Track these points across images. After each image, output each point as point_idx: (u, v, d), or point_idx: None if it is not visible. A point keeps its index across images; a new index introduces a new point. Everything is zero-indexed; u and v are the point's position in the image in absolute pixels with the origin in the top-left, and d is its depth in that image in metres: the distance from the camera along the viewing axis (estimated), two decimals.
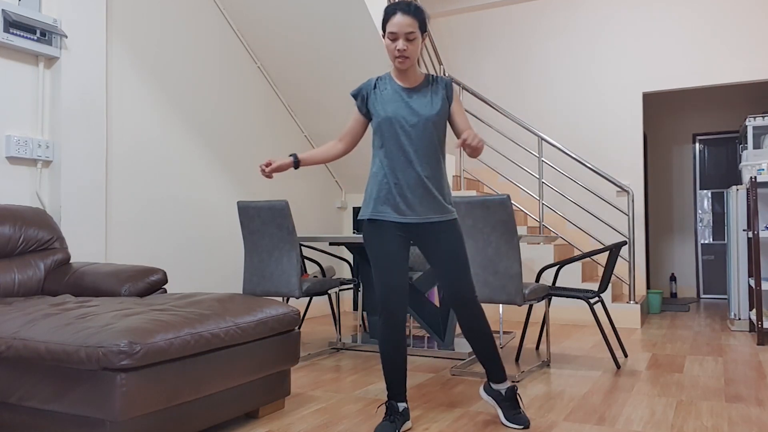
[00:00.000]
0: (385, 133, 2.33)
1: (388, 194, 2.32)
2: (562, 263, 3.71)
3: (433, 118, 2.30)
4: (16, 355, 2.01)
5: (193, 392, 2.13)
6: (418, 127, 2.29)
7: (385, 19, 2.28)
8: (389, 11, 2.26)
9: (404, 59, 2.27)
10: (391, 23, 2.24)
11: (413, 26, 2.24)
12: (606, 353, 3.94)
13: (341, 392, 2.99)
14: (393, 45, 2.26)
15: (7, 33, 3.15)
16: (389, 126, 2.31)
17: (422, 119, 2.29)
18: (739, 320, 4.87)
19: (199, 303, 2.40)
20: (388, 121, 2.31)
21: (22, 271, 2.86)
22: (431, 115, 2.30)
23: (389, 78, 2.39)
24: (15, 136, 3.24)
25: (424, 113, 2.30)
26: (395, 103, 2.32)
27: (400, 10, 2.23)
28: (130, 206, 3.96)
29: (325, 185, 6.05)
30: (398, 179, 2.31)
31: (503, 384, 2.46)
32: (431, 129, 2.30)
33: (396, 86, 2.36)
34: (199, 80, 4.54)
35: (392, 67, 2.38)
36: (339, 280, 3.91)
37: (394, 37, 2.25)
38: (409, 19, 2.23)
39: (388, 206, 2.32)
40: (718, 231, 7.44)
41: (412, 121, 2.30)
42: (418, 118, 2.30)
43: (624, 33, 6.20)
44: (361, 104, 2.42)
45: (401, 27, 2.23)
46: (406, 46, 2.25)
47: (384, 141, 2.33)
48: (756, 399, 2.84)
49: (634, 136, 6.14)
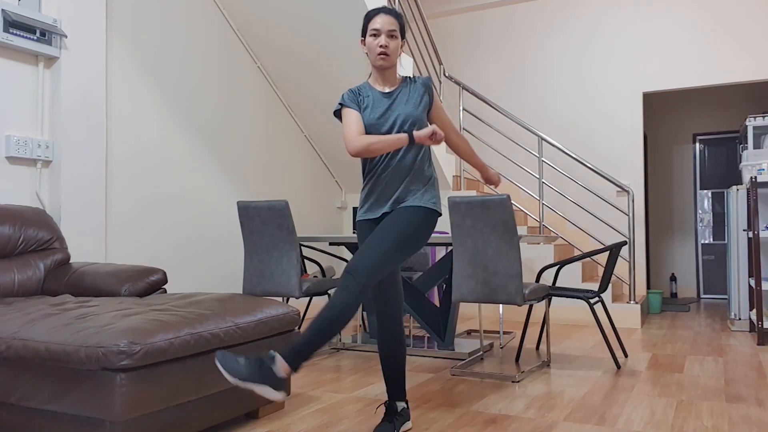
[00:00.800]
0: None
1: (371, 196, 2.36)
2: (562, 263, 3.71)
3: (411, 116, 2.31)
4: (16, 355, 2.01)
5: (193, 392, 2.13)
6: (395, 127, 2.30)
7: (366, 20, 2.32)
8: (371, 14, 2.31)
9: (386, 56, 2.29)
10: (374, 21, 2.29)
11: (395, 25, 2.29)
12: (606, 353, 3.94)
13: (341, 392, 2.99)
14: (375, 41, 2.28)
15: (6, 33, 3.15)
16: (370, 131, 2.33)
17: (400, 119, 2.31)
18: (739, 320, 4.87)
19: (199, 303, 2.40)
20: (370, 127, 2.33)
21: (21, 271, 2.86)
22: (409, 113, 2.31)
23: (368, 86, 2.39)
24: (15, 136, 3.24)
25: (402, 113, 2.31)
26: (377, 110, 2.33)
27: (383, 12, 2.30)
28: (130, 206, 3.96)
29: (325, 185, 6.05)
30: (379, 182, 2.33)
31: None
32: (410, 128, 2.31)
33: (376, 93, 2.36)
34: (199, 80, 4.54)
35: (369, 75, 2.40)
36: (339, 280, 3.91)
37: (376, 33, 2.28)
38: (392, 19, 2.29)
39: (370, 207, 2.37)
40: (719, 231, 7.44)
41: (389, 122, 2.32)
42: (394, 118, 2.31)
43: (624, 33, 6.20)
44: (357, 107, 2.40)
45: (384, 24, 2.27)
46: (388, 43, 2.28)
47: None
48: (756, 399, 2.84)
49: (634, 136, 6.14)
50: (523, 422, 2.50)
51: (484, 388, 3.05)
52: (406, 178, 2.31)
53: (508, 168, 6.48)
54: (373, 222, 2.38)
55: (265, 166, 5.21)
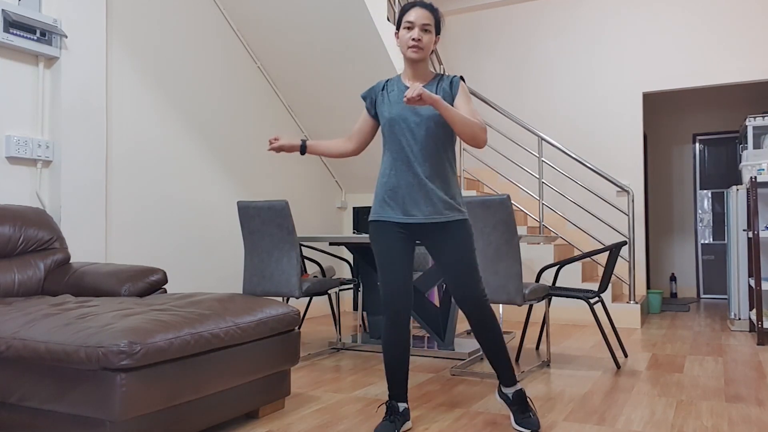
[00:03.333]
0: (388, 134, 2.35)
1: (391, 195, 2.33)
2: (562, 263, 3.71)
3: (435, 117, 2.29)
4: (16, 355, 2.01)
5: (193, 392, 2.13)
6: (420, 127, 2.29)
7: (401, 13, 2.32)
8: (406, 6, 2.31)
9: (418, 49, 2.28)
10: (409, 14, 2.28)
11: (430, 20, 2.29)
12: (606, 353, 3.94)
13: (341, 392, 2.99)
14: (408, 34, 2.28)
15: (7, 33, 3.15)
16: (392, 127, 2.33)
17: (424, 118, 2.29)
18: (739, 320, 4.87)
19: (199, 303, 2.40)
20: (391, 122, 2.33)
21: (22, 271, 2.86)
22: (433, 113, 2.29)
23: (398, 80, 2.41)
24: (15, 136, 3.24)
25: (426, 112, 2.29)
26: (399, 104, 2.33)
27: (419, 5, 2.30)
28: (130, 206, 3.96)
29: (325, 185, 6.05)
30: (400, 179, 2.31)
31: (512, 387, 2.44)
32: (433, 128, 2.30)
33: (402, 87, 2.37)
34: (199, 80, 4.54)
35: (402, 69, 2.39)
36: (339, 280, 3.91)
37: (410, 25, 2.27)
38: (427, 13, 2.29)
39: (390, 207, 2.33)
40: (718, 231, 7.44)
41: (414, 120, 2.30)
42: (419, 117, 2.30)
43: (624, 33, 6.20)
44: (370, 106, 2.45)
45: (418, 18, 2.27)
46: (420, 36, 2.27)
47: (388, 142, 2.36)
48: (756, 399, 2.84)
49: (634, 136, 6.14)
50: None
51: (484, 388, 3.05)
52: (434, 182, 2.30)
53: (508, 168, 6.49)
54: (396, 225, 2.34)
55: (265, 166, 5.21)
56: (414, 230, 2.35)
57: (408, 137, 2.30)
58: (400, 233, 2.34)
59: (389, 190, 2.34)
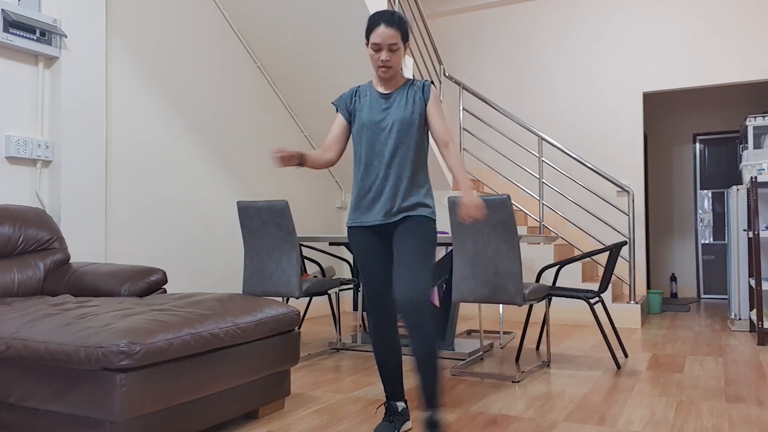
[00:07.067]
0: (359, 139, 2.36)
1: (362, 200, 2.35)
2: (562, 263, 3.71)
3: (405, 120, 2.30)
4: (16, 355, 2.01)
5: (193, 392, 2.12)
6: (391, 131, 2.30)
7: (368, 28, 2.28)
8: (373, 22, 2.26)
9: (387, 69, 2.29)
10: (375, 34, 2.24)
11: (396, 38, 2.24)
12: (606, 353, 3.94)
13: (341, 392, 2.99)
14: (377, 55, 2.27)
15: (6, 33, 3.15)
16: (362, 131, 2.34)
17: (395, 122, 2.30)
18: (739, 320, 4.87)
19: (199, 303, 2.40)
20: (362, 127, 2.34)
21: (21, 271, 2.86)
22: (404, 117, 2.30)
23: (369, 86, 2.42)
24: (15, 136, 3.24)
25: (396, 116, 2.31)
26: (371, 110, 2.34)
27: (384, 22, 2.24)
28: (130, 206, 3.96)
29: (325, 185, 6.05)
30: (371, 184, 2.33)
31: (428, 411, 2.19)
32: (404, 131, 2.30)
33: (374, 93, 2.38)
34: (199, 80, 4.54)
35: (374, 75, 2.40)
36: (339, 280, 3.91)
37: (377, 47, 2.26)
38: (393, 31, 2.24)
39: (362, 211, 2.36)
40: (719, 231, 7.44)
41: (384, 125, 2.31)
42: (389, 121, 2.31)
43: (624, 33, 6.20)
44: (344, 111, 2.44)
45: (384, 38, 2.23)
46: (389, 57, 2.26)
47: (359, 147, 2.37)
48: (756, 399, 2.84)
49: (634, 136, 6.14)
50: (524, 422, 2.50)
51: (484, 388, 3.05)
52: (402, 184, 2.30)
53: (508, 168, 6.48)
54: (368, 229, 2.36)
55: (265, 166, 5.21)
56: (380, 232, 2.37)
57: (379, 141, 2.31)
58: (372, 237, 2.37)
59: (359, 194, 2.36)
